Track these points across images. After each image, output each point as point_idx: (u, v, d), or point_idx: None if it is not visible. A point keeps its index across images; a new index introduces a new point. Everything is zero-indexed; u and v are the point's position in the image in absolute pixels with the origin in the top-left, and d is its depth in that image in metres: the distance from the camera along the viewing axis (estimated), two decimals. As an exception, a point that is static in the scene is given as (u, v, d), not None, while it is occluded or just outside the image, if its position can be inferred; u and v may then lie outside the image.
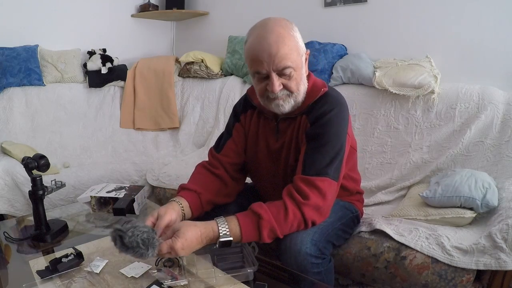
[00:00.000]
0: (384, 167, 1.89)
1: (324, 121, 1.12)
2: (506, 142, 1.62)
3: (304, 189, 1.05)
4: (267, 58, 1.06)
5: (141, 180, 2.26)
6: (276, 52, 1.05)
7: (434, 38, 1.99)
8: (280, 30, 1.07)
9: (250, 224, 1.01)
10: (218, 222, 1.00)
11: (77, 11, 2.86)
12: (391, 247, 1.28)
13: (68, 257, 1.04)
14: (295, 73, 1.10)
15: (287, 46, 1.06)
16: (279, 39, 1.06)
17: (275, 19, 1.11)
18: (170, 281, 0.96)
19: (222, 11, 3.06)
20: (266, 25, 1.09)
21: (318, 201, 1.06)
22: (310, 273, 1.05)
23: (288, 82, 1.10)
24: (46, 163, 1.30)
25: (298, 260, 1.04)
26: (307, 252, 1.05)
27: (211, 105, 2.69)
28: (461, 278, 1.16)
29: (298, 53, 1.10)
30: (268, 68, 1.08)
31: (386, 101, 1.95)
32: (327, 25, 2.39)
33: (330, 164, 1.09)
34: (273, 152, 1.25)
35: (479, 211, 1.37)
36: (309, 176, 1.07)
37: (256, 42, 1.08)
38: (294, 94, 1.13)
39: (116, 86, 2.86)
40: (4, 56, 2.44)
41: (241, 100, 1.37)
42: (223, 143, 1.32)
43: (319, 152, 1.10)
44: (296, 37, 1.11)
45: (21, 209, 2.02)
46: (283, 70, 1.08)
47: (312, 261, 1.05)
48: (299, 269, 1.05)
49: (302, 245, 1.05)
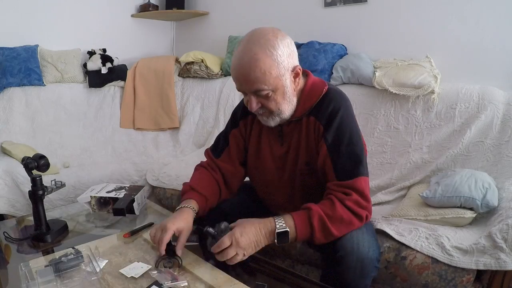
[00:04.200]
0: (384, 167, 1.89)
1: (338, 122, 1.11)
2: (506, 142, 1.62)
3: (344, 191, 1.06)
4: (242, 80, 1.07)
5: (141, 180, 2.25)
6: (247, 75, 1.04)
7: (434, 38, 1.99)
8: (256, 50, 1.03)
9: (302, 215, 1.03)
10: (274, 217, 1.03)
11: (77, 11, 2.86)
12: (391, 247, 1.28)
13: (68, 257, 1.04)
14: (274, 94, 1.08)
15: (259, 69, 1.03)
16: (251, 62, 1.03)
17: (260, 32, 1.07)
18: (170, 282, 0.96)
19: (222, 11, 3.06)
20: (247, 42, 1.06)
21: (359, 199, 1.05)
22: (369, 277, 1.05)
23: (266, 102, 1.09)
24: (46, 163, 1.30)
25: (364, 262, 1.02)
26: (374, 255, 1.05)
27: (211, 105, 2.69)
28: (461, 278, 1.16)
29: (278, 74, 1.05)
30: (244, 89, 1.09)
31: (386, 101, 1.95)
32: (327, 25, 2.39)
33: (360, 163, 1.09)
34: (279, 157, 1.23)
35: (479, 211, 1.37)
36: (345, 181, 1.07)
37: (234, 62, 1.08)
38: (276, 113, 1.12)
39: (116, 86, 2.86)
40: (4, 56, 2.44)
41: (240, 105, 1.33)
42: (221, 149, 1.32)
43: (347, 155, 1.09)
44: (275, 56, 1.04)
45: (21, 209, 2.02)
46: (257, 92, 1.07)
47: (375, 265, 1.06)
48: (362, 272, 1.02)
49: (370, 248, 1.05)
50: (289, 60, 1.08)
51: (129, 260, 1.09)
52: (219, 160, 1.30)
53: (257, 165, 1.28)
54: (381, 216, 1.51)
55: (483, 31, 1.85)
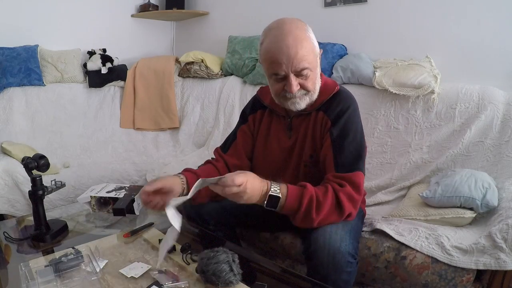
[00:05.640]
0: (384, 167, 1.89)
1: (345, 119, 1.16)
2: (506, 142, 1.62)
3: (340, 182, 1.09)
4: (285, 60, 1.08)
5: (141, 180, 2.25)
6: (294, 55, 1.08)
7: (434, 38, 1.99)
8: (297, 32, 1.09)
9: (296, 190, 1.07)
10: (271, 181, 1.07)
11: (77, 11, 2.86)
12: (391, 247, 1.28)
13: (68, 257, 1.04)
14: (312, 73, 1.13)
15: (305, 48, 1.09)
16: (297, 41, 1.08)
17: (291, 20, 1.13)
18: (170, 283, 0.96)
19: (222, 11, 3.06)
20: (283, 27, 1.10)
21: (352, 192, 1.09)
22: (344, 273, 1.04)
23: (305, 82, 1.14)
24: (46, 163, 1.30)
25: (336, 257, 1.03)
26: (346, 250, 1.05)
27: (211, 105, 2.69)
28: (461, 278, 1.16)
29: (314, 54, 1.13)
30: (287, 70, 1.10)
31: (386, 101, 1.95)
32: (327, 25, 2.39)
33: (359, 159, 1.14)
34: (285, 150, 1.27)
35: (479, 211, 1.37)
36: (343, 173, 1.11)
37: (274, 44, 1.10)
38: (311, 93, 1.17)
39: (116, 86, 2.86)
40: (4, 56, 2.44)
41: (250, 103, 1.41)
42: (229, 144, 1.37)
43: (348, 150, 1.14)
44: (312, 38, 1.13)
45: (21, 209, 2.02)
46: (301, 71, 1.11)
47: (348, 260, 1.05)
48: (334, 267, 1.03)
49: (342, 242, 1.05)
50: (317, 44, 1.16)
51: (129, 260, 1.09)
52: (226, 155, 1.35)
53: (264, 157, 1.33)
54: (381, 216, 1.51)
55: (483, 31, 1.84)
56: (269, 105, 1.30)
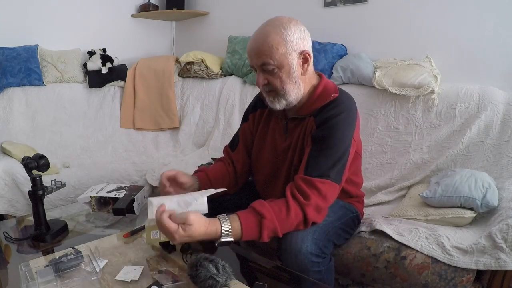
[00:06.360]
0: (384, 167, 1.89)
1: (330, 124, 1.12)
2: (506, 142, 1.62)
3: (305, 189, 1.06)
4: (251, 53, 1.14)
5: (141, 180, 2.25)
6: (257, 48, 1.11)
7: (434, 38, 1.99)
8: (269, 29, 1.11)
9: (252, 224, 1.01)
10: (221, 221, 0.99)
11: (77, 11, 2.86)
12: (391, 247, 1.28)
13: (68, 257, 1.04)
14: (279, 71, 1.12)
15: (267, 44, 1.09)
16: (261, 36, 1.10)
17: (277, 17, 1.14)
18: (170, 283, 0.95)
19: (222, 11, 3.06)
20: (263, 24, 1.14)
21: (319, 201, 1.07)
22: (311, 272, 1.05)
23: (272, 79, 1.13)
24: (46, 163, 1.30)
25: (298, 258, 1.04)
26: (308, 250, 1.05)
27: (211, 105, 2.69)
28: (461, 278, 1.16)
29: (285, 51, 1.10)
30: (253, 63, 1.14)
31: (386, 101, 1.95)
32: (327, 25, 2.39)
33: (332, 167, 1.09)
34: (280, 151, 1.27)
35: (479, 211, 1.37)
36: (311, 177, 1.07)
37: (250, 39, 1.15)
38: (281, 93, 1.15)
39: (116, 86, 2.86)
40: (4, 56, 2.44)
41: (252, 101, 1.42)
42: (236, 143, 1.40)
43: (323, 154, 1.10)
44: (285, 35, 1.09)
45: (21, 209, 2.02)
46: (263, 66, 1.12)
47: (312, 260, 1.06)
48: (300, 268, 1.04)
49: (303, 243, 1.05)
50: (299, 43, 1.12)
51: (128, 260, 1.09)
52: (234, 154, 1.38)
53: (260, 156, 1.33)
54: (381, 216, 1.51)
55: (483, 31, 1.84)
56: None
